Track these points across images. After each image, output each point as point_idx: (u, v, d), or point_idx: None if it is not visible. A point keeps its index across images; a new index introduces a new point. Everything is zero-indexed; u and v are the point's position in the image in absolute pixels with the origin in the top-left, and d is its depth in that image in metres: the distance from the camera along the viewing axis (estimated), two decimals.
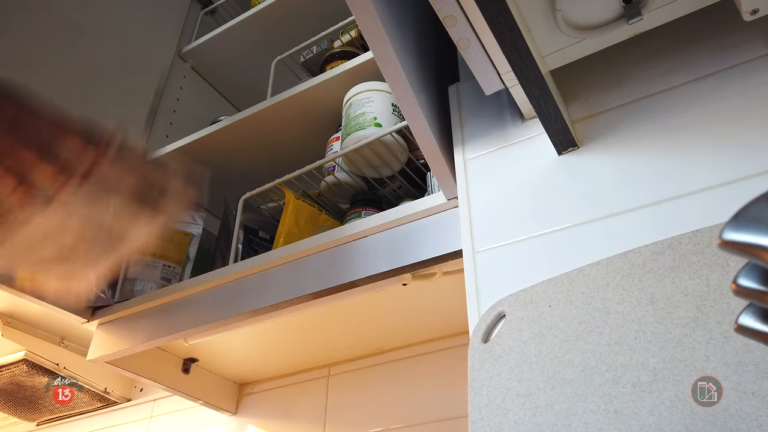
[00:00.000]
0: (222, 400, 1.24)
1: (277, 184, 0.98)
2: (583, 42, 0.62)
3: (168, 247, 1.10)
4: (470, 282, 0.61)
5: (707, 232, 0.49)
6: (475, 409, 0.51)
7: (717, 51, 0.62)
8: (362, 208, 0.94)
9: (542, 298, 0.54)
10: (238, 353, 1.17)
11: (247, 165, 1.21)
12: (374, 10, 0.58)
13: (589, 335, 0.49)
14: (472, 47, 0.63)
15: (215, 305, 0.91)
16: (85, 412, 1.51)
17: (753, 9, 0.53)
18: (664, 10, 0.58)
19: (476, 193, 0.68)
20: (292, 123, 1.12)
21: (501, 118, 0.73)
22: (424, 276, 0.80)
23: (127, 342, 0.97)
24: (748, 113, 0.56)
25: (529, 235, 0.60)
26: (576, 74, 0.69)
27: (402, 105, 0.66)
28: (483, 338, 0.55)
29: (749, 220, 0.27)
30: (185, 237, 1.13)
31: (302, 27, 1.30)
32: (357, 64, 0.99)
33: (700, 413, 0.42)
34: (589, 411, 0.46)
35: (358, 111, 0.92)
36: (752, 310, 0.30)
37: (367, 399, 1.10)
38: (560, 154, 0.65)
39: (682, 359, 0.44)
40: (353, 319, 1.03)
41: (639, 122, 0.62)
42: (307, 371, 1.22)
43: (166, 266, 1.08)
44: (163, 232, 0.48)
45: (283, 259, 0.86)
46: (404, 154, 0.91)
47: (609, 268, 0.52)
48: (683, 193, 0.54)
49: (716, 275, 0.47)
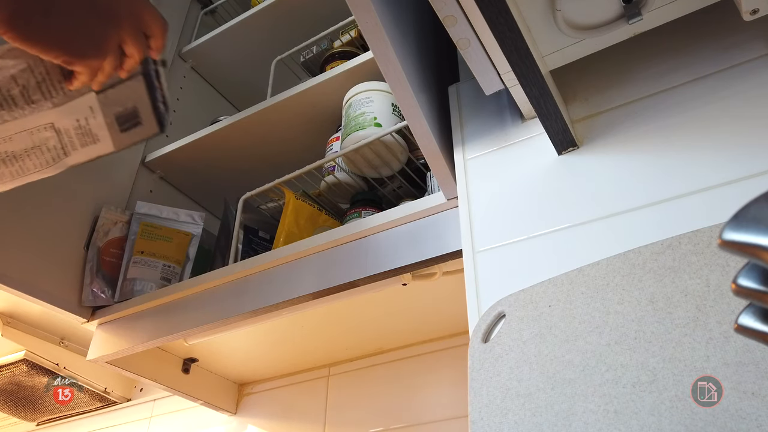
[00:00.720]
0: (222, 400, 1.24)
1: (277, 184, 0.98)
2: (583, 42, 0.62)
3: (168, 247, 1.11)
4: (470, 282, 0.61)
5: (707, 232, 0.49)
6: (475, 409, 0.51)
7: (717, 51, 0.62)
8: (362, 208, 0.94)
9: (542, 298, 0.54)
10: (238, 353, 1.17)
11: (247, 165, 1.22)
12: (374, 10, 0.58)
13: (589, 335, 0.49)
14: (472, 47, 0.63)
15: (215, 305, 0.91)
16: (85, 412, 1.51)
17: (753, 9, 0.53)
18: (664, 10, 0.58)
19: (476, 193, 0.68)
20: (292, 123, 1.12)
21: (501, 118, 0.73)
22: (424, 276, 0.80)
23: (127, 342, 0.97)
24: (748, 113, 0.56)
25: (529, 235, 0.60)
26: (576, 74, 0.69)
27: (402, 105, 0.66)
28: (483, 338, 0.55)
29: (749, 220, 0.27)
30: (185, 237, 1.13)
31: (302, 27, 1.30)
32: (357, 64, 0.99)
33: (700, 413, 0.42)
34: (589, 411, 0.46)
35: (358, 111, 0.92)
36: (752, 310, 0.30)
37: (367, 399, 1.10)
38: (560, 154, 0.65)
39: (682, 359, 0.44)
40: (353, 319, 1.03)
41: (639, 122, 0.62)
42: (307, 371, 1.22)
43: (166, 266, 1.08)
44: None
45: (283, 259, 0.86)
46: (404, 154, 0.91)
47: (609, 268, 0.52)
48: (683, 193, 0.54)
49: (716, 275, 0.47)
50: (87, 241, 1.08)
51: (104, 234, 1.09)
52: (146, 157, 1.25)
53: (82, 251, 1.07)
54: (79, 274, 1.05)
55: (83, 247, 1.07)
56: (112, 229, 1.11)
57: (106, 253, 1.08)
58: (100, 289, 1.04)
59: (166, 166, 1.26)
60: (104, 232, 1.10)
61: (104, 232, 1.10)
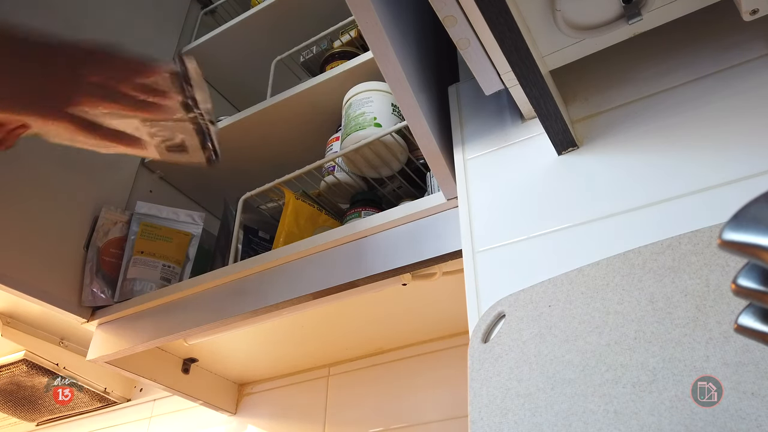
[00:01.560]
0: (222, 400, 1.24)
1: (277, 184, 0.98)
2: (583, 42, 0.62)
3: (168, 247, 1.11)
4: (470, 282, 0.61)
5: (707, 232, 0.49)
6: (475, 409, 0.51)
7: (717, 51, 0.62)
8: (362, 208, 0.94)
9: (542, 298, 0.54)
10: (238, 353, 1.17)
11: (247, 165, 1.22)
12: (374, 10, 0.58)
13: (588, 335, 0.49)
14: (472, 47, 0.63)
15: (215, 305, 0.91)
16: (84, 412, 1.51)
17: (753, 9, 0.53)
18: (664, 10, 0.58)
19: (476, 193, 0.68)
20: (292, 123, 1.12)
21: (501, 118, 0.73)
22: (424, 276, 0.80)
23: (126, 342, 0.97)
24: (748, 113, 0.56)
25: (529, 235, 0.60)
26: (576, 74, 0.69)
27: (402, 105, 0.66)
28: (483, 338, 0.55)
29: (749, 220, 0.27)
30: (185, 237, 1.13)
31: (302, 27, 1.30)
32: (357, 64, 0.99)
33: (700, 413, 0.42)
34: (589, 411, 0.46)
35: (357, 111, 0.92)
36: (752, 310, 0.30)
37: (367, 399, 1.10)
38: (560, 154, 0.65)
39: (682, 359, 0.44)
40: (353, 319, 1.03)
41: (639, 122, 0.62)
42: (307, 371, 1.22)
43: (166, 266, 1.08)
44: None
45: (283, 259, 0.86)
46: (404, 154, 0.91)
47: (609, 268, 0.52)
48: (683, 193, 0.54)
49: (716, 275, 0.47)
50: (87, 241, 1.08)
51: (104, 234, 1.10)
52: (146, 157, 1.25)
53: (82, 251, 1.07)
54: (79, 274, 1.05)
55: (83, 247, 1.07)
56: (112, 229, 1.11)
57: (106, 253, 1.08)
58: (99, 289, 1.04)
59: (166, 166, 1.26)
60: (104, 232, 1.10)
61: (104, 232, 1.10)
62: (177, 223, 1.15)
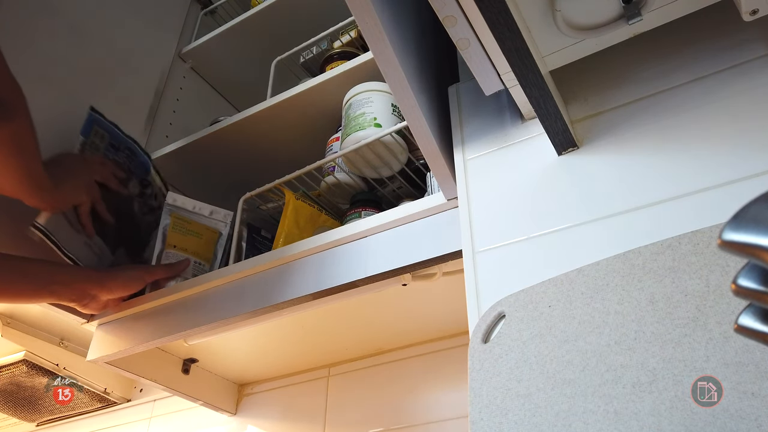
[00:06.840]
0: (222, 401, 1.24)
1: (277, 185, 0.98)
2: (583, 42, 0.62)
3: (198, 243, 1.06)
4: (470, 282, 0.61)
5: (707, 233, 0.49)
6: (475, 409, 0.51)
7: (717, 51, 0.62)
8: (362, 208, 0.94)
9: (542, 298, 0.54)
10: (238, 353, 1.17)
11: (247, 165, 1.21)
12: (374, 10, 0.58)
13: (588, 335, 0.49)
14: (472, 47, 0.63)
15: (215, 305, 0.91)
16: (84, 412, 1.51)
17: (753, 9, 0.53)
18: (664, 11, 0.58)
19: (476, 193, 0.68)
20: (292, 123, 1.12)
21: (501, 118, 0.73)
22: (424, 276, 0.80)
23: (126, 342, 0.97)
24: (748, 114, 0.56)
25: (529, 235, 0.60)
26: (576, 74, 0.69)
27: (402, 105, 0.66)
28: (483, 338, 0.55)
29: (749, 220, 0.27)
30: (214, 234, 1.09)
31: (302, 27, 1.30)
32: (357, 64, 0.99)
33: (700, 413, 0.42)
34: (589, 411, 0.46)
35: (357, 111, 0.92)
36: (752, 310, 0.30)
37: (367, 399, 1.10)
38: (560, 155, 0.65)
39: (681, 359, 0.44)
40: (353, 319, 1.03)
41: (639, 122, 0.62)
42: (307, 371, 1.22)
43: (196, 263, 1.04)
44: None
45: (283, 259, 0.86)
46: (404, 155, 0.91)
47: (609, 269, 0.52)
48: (683, 194, 0.54)
49: (716, 275, 0.47)
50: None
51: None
52: None
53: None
54: None
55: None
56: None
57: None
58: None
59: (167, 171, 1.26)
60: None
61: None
62: (205, 218, 1.10)
